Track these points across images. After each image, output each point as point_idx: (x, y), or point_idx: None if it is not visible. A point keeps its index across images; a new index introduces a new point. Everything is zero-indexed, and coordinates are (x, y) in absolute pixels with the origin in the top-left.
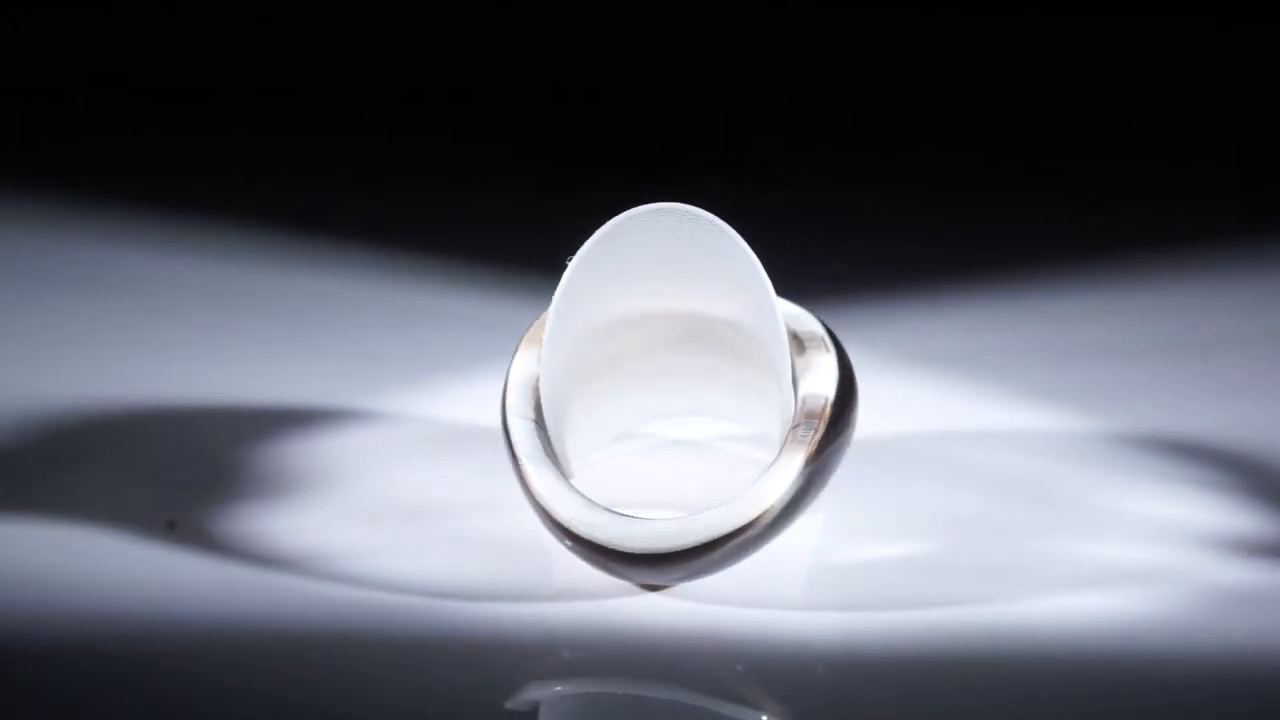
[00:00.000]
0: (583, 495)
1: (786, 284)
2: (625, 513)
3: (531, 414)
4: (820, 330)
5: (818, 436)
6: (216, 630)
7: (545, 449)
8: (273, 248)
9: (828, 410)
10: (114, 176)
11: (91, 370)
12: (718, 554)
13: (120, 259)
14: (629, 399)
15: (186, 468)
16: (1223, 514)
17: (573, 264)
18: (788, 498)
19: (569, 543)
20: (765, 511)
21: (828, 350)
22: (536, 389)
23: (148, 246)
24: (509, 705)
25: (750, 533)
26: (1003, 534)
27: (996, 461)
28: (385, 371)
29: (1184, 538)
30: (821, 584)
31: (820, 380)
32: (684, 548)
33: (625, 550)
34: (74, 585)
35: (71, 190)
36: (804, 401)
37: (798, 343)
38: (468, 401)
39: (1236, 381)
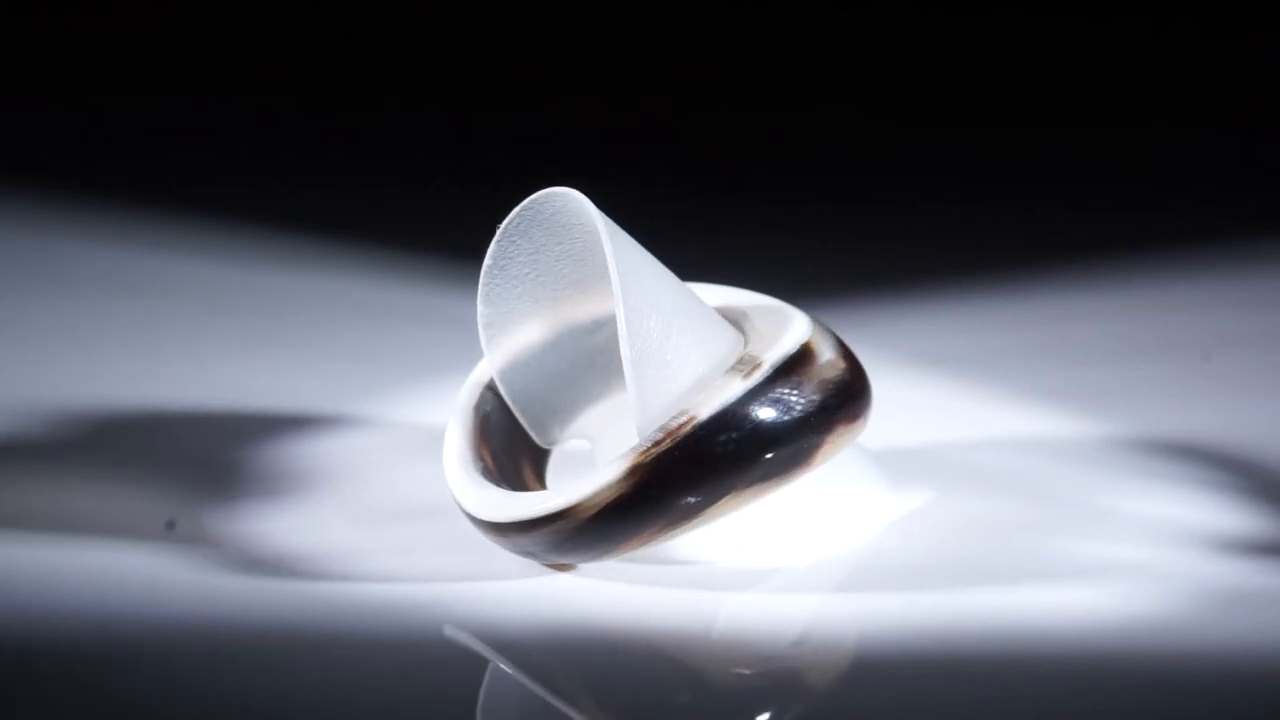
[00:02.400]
0: (471, 453)
1: (788, 284)
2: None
3: (486, 380)
4: (780, 355)
5: (657, 450)
6: (216, 629)
7: (477, 406)
8: (273, 248)
9: (683, 431)
10: (114, 176)
11: (92, 370)
12: (536, 536)
13: (121, 259)
14: None
15: (186, 468)
16: (1223, 514)
17: (497, 240)
18: (607, 498)
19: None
20: (578, 505)
21: (745, 378)
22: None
23: (148, 246)
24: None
25: (565, 524)
26: (1003, 533)
27: (997, 462)
28: (384, 372)
29: (1184, 538)
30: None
31: (703, 402)
32: (500, 521)
33: (466, 510)
34: (74, 585)
35: (71, 190)
36: (673, 414)
37: (739, 360)
38: None
39: (1236, 381)
